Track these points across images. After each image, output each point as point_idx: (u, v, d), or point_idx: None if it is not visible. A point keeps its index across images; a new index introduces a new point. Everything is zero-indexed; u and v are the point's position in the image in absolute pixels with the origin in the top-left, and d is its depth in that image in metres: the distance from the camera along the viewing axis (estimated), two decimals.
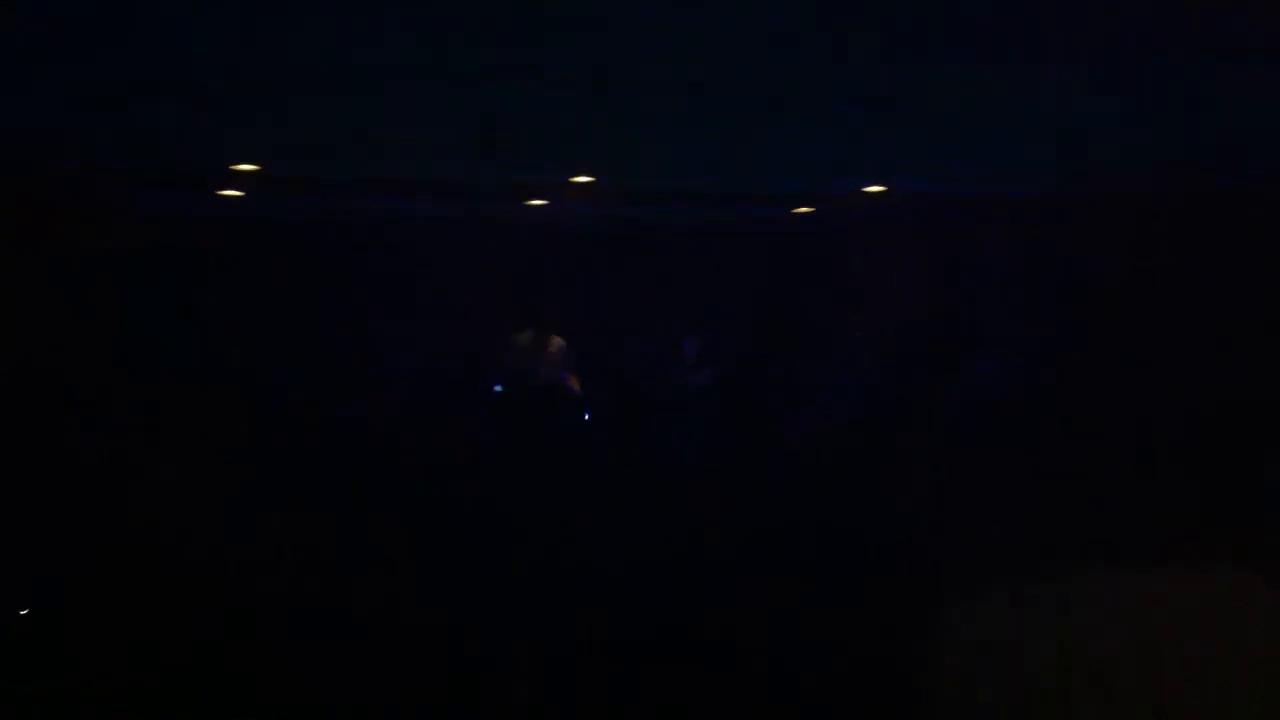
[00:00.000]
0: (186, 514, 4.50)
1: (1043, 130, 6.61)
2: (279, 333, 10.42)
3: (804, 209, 10.64)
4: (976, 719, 1.74)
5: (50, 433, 5.99)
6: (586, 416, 8.97)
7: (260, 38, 4.86)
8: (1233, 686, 1.62)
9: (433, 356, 10.50)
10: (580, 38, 4.61)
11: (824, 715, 3.14)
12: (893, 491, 5.13)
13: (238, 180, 8.61)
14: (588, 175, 8.75)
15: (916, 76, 5.28)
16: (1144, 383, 7.23)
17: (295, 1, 4.06)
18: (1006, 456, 5.57)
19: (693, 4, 4.00)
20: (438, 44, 4.74)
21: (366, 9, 4.11)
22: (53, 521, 4.31)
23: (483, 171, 8.45)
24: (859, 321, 10.72)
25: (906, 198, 9.72)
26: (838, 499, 5.25)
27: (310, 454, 5.93)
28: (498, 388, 9.19)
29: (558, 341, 9.95)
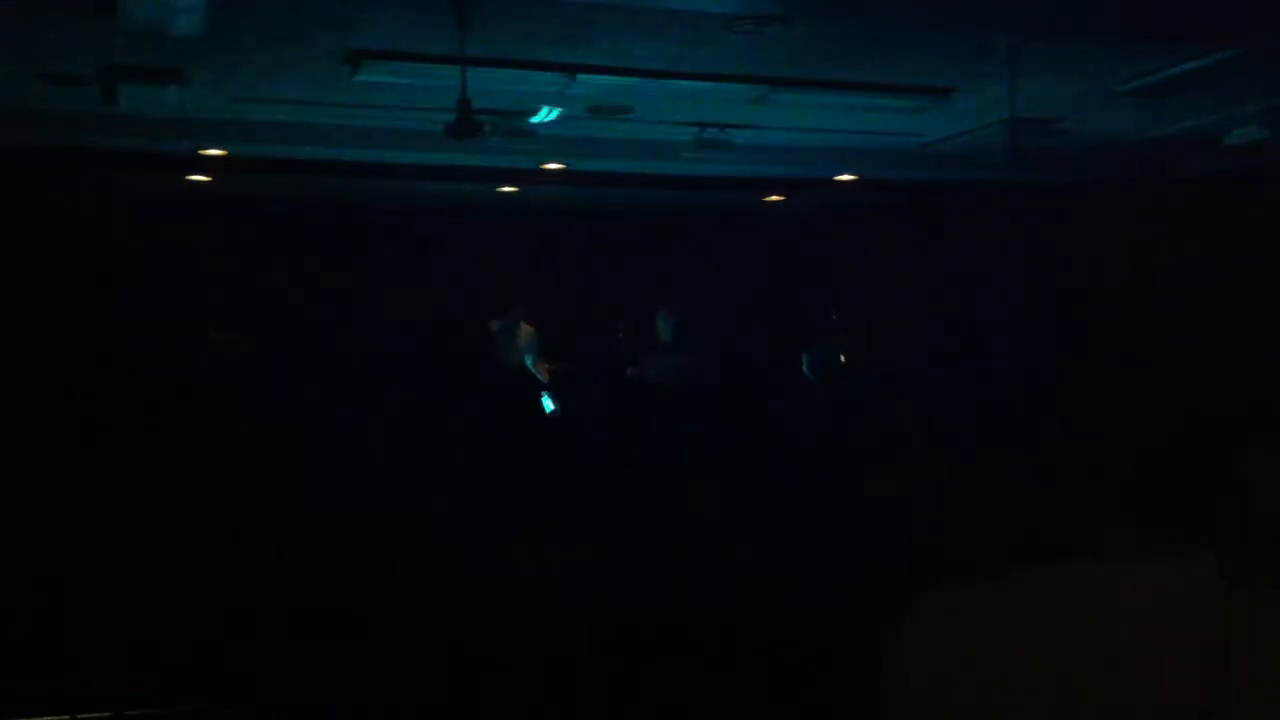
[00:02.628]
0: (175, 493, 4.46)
1: None
2: (255, 317, 10.28)
3: (778, 196, 10.63)
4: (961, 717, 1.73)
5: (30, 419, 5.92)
6: (554, 405, 8.95)
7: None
8: (1222, 684, 1.62)
9: (405, 342, 10.40)
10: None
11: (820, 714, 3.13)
12: (871, 481, 5.12)
13: (208, 165, 8.49)
14: (559, 163, 8.71)
15: None
16: (1135, 379, 7.30)
17: None
18: (990, 450, 5.58)
19: None
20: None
21: None
22: (44, 517, 4.27)
23: (459, 156, 8.38)
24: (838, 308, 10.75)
25: (882, 184, 9.74)
26: (818, 488, 5.24)
27: (280, 441, 5.87)
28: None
29: (527, 329, 9.91)
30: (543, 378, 9.48)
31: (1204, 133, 7.55)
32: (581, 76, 6.06)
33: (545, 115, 6.93)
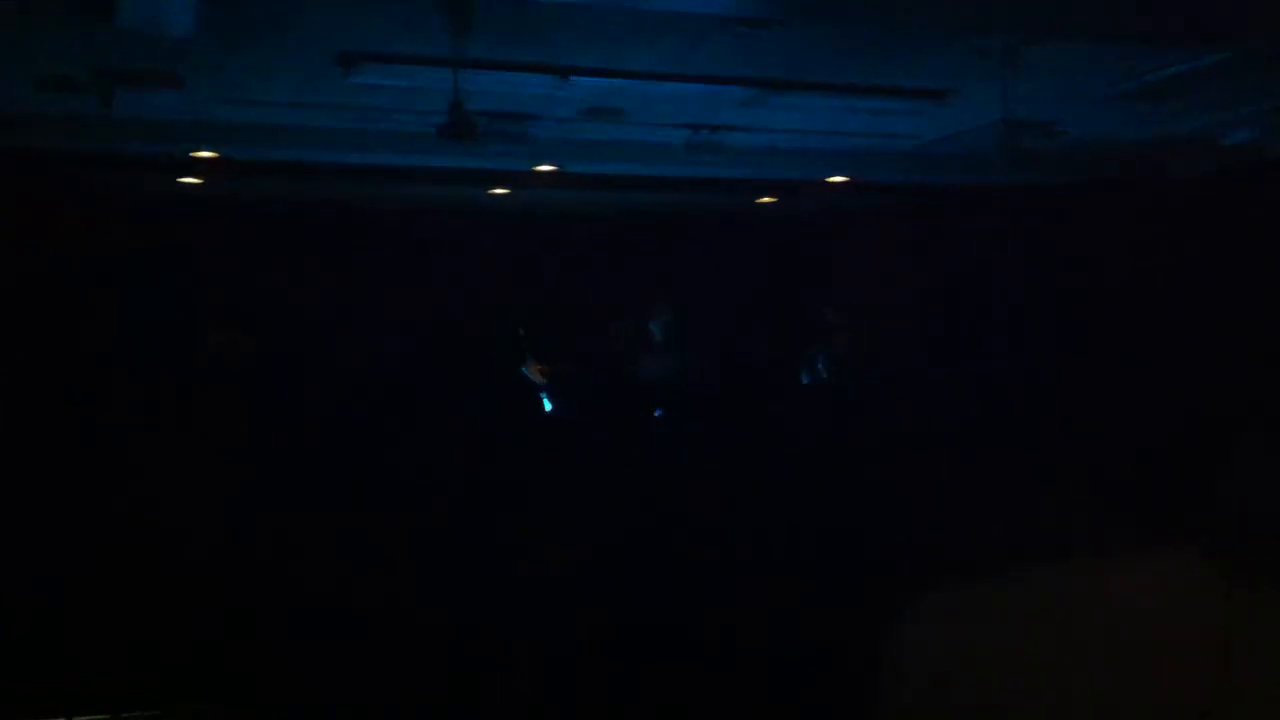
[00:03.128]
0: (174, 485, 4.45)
1: None
2: (254, 317, 10.27)
3: (770, 198, 10.64)
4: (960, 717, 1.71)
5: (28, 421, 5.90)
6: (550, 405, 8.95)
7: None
8: (1222, 684, 1.62)
9: (402, 342, 10.39)
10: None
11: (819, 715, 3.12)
12: (863, 480, 5.11)
13: (202, 167, 8.48)
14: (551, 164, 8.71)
15: None
16: (1130, 379, 7.31)
17: None
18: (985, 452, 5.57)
19: None
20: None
21: None
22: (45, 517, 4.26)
23: (452, 159, 8.36)
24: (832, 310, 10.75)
25: (875, 186, 9.75)
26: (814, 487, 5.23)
27: (280, 441, 5.86)
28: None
29: (520, 331, 9.92)
30: (537, 379, 9.48)
31: (1202, 134, 7.57)
32: (575, 78, 6.07)
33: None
